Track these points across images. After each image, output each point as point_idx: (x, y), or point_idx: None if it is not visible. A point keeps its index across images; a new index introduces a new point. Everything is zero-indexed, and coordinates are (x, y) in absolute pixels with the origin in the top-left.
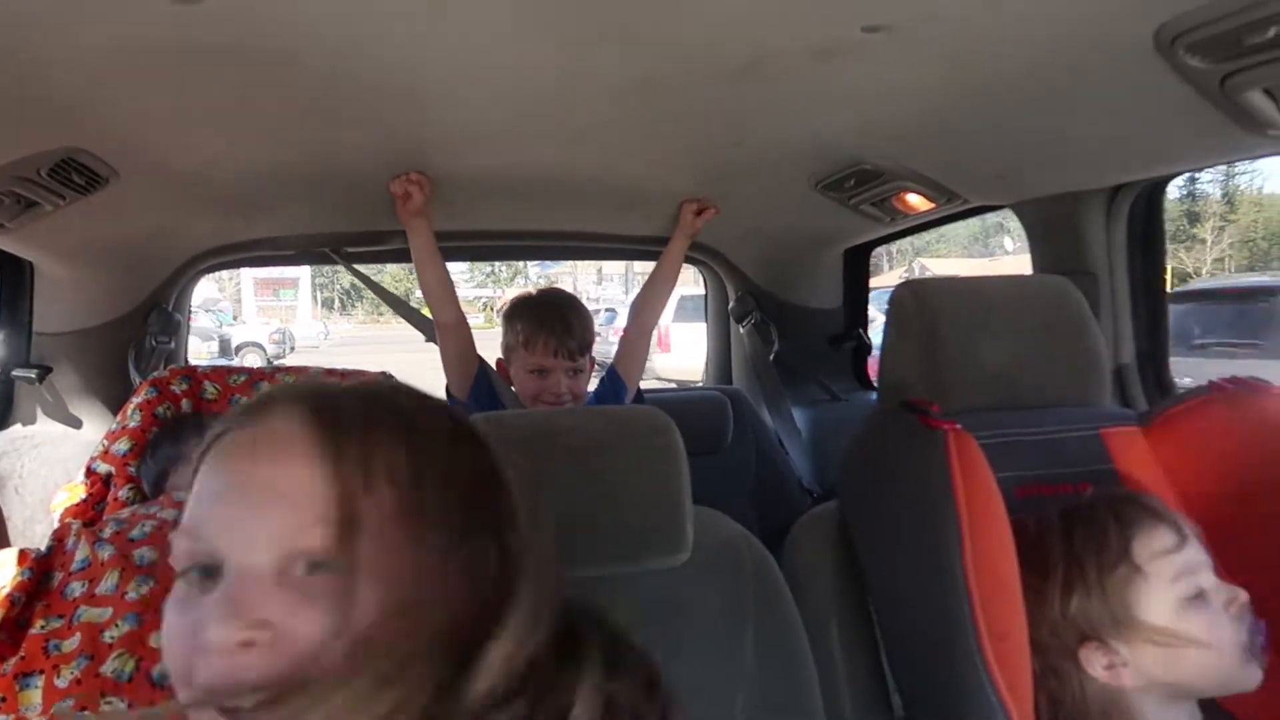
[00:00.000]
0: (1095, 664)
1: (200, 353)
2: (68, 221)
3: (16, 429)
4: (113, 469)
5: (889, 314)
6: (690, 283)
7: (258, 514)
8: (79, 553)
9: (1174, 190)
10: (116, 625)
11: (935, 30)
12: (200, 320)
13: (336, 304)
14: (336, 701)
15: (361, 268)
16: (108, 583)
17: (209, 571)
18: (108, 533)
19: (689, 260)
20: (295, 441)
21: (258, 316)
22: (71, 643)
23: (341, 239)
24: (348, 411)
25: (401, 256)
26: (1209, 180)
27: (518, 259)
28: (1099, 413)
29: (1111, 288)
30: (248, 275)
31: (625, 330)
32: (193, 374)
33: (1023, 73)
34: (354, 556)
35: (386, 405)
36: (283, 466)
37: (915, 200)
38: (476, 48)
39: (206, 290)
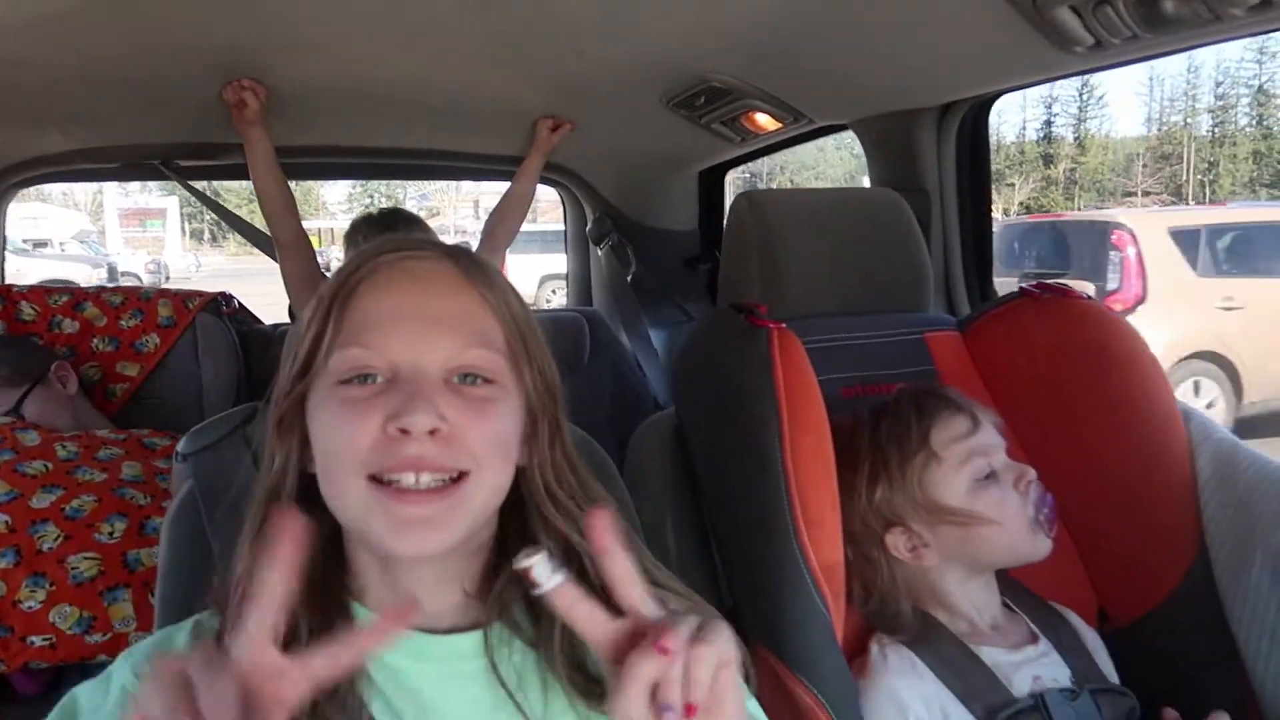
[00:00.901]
0: (900, 547)
1: (91, 278)
2: None
3: None
4: None
5: (729, 222)
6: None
7: (435, 331)
8: None
9: (1032, 133)
10: None
11: None
12: (74, 250)
13: (207, 235)
14: (485, 486)
15: (201, 186)
16: None
17: (370, 378)
18: None
19: (546, 181)
20: (455, 280)
21: (124, 248)
22: None
23: (173, 150)
24: (478, 262)
25: (240, 173)
26: (1063, 125)
27: (363, 177)
28: (922, 318)
29: (941, 204)
30: (111, 206)
31: (479, 248)
32: (7, 294)
33: None
34: (501, 375)
35: (507, 281)
36: (453, 297)
37: (763, 120)
38: None
39: (79, 221)
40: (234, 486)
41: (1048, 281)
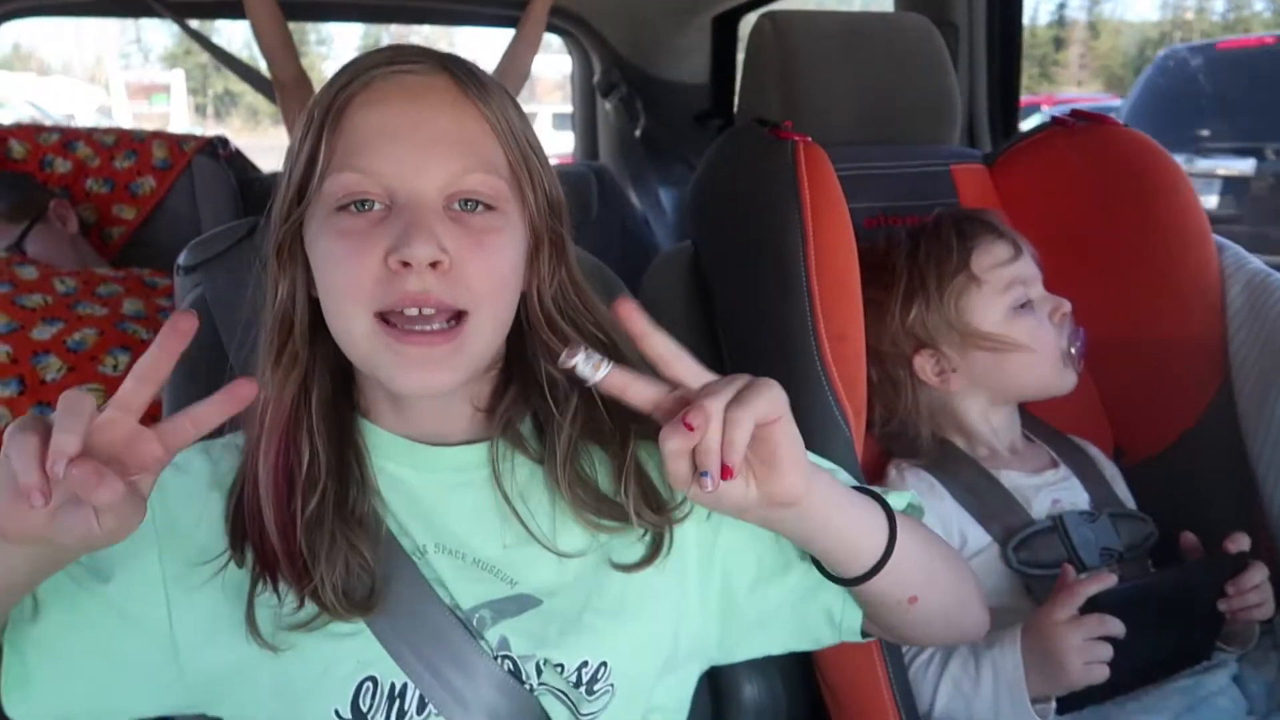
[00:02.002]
0: (928, 370)
1: None
2: None
3: None
4: None
5: (748, 43)
6: None
7: (432, 153)
8: None
9: (1044, 17)
10: None
11: None
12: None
13: (210, 110)
14: (485, 325)
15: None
16: None
17: (367, 205)
18: None
19: (552, 29)
20: (454, 95)
21: (133, 123)
22: None
23: None
24: (476, 74)
25: (234, 11)
26: (1078, 6)
27: (363, 20)
28: (948, 150)
29: (970, 39)
30: (118, 79)
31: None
32: None
33: None
34: (503, 200)
35: (504, 90)
36: (451, 115)
37: None
38: None
39: (99, 97)
40: (247, 295)
41: (1083, 111)
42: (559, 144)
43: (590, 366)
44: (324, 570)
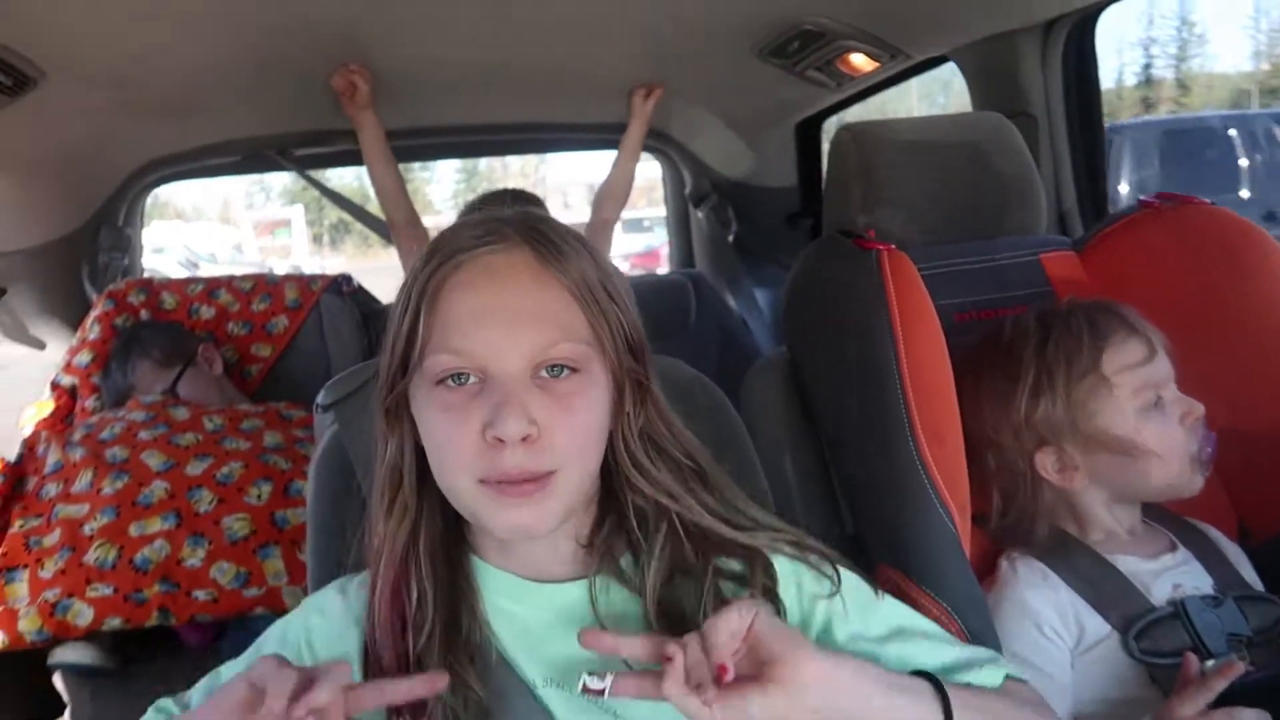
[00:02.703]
0: (1049, 467)
1: None
2: (2, 130)
3: None
4: (76, 381)
5: (830, 154)
6: None
7: (519, 331)
8: (50, 456)
9: (1131, 78)
10: (95, 518)
11: None
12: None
13: (325, 239)
14: (573, 481)
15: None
16: (83, 481)
17: (463, 378)
18: (78, 436)
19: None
20: (535, 269)
21: (260, 256)
22: (52, 538)
23: (288, 140)
24: (553, 241)
25: (352, 159)
26: (1164, 66)
27: (467, 155)
28: (1036, 240)
29: (1050, 128)
30: (246, 221)
31: (589, 224)
32: (149, 285)
33: None
34: (586, 361)
35: (578, 239)
36: (533, 290)
37: (859, 60)
38: None
39: (235, 236)
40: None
41: (1170, 193)
42: (629, 245)
43: (596, 685)
44: (434, 704)
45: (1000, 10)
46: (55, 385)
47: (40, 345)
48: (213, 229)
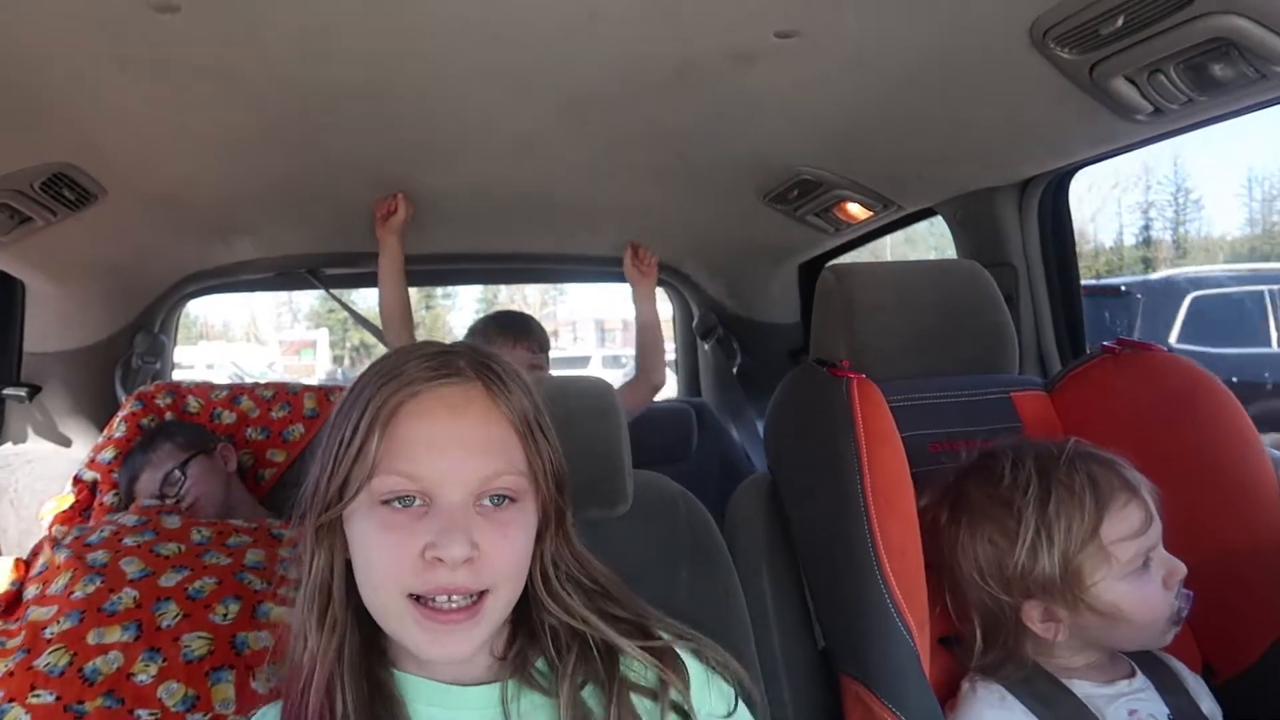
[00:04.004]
0: (1034, 619)
1: None
2: (58, 239)
3: (8, 447)
4: (98, 476)
5: (817, 291)
6: None
7: (467, 461)
8: (40, 558)
9: (1130, 237)
10: (58, 622)
11: (838, 35)
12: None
13: (347, 360)
14: (502, 601)
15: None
16: (59, 583)
17: (408, 501)
18: (68, 539)
19: None
20: (486, 404)
21: (285, 374)
22: (16, 639)
23: (318, 260)
24: (509, 383)
25: (372, 280)
26: (1161, 228)
27: (489, 282)
28: (1008, 379)
29: (1029, 277)
30: (274, 340)
31: (633, 390)
32: (176, 389)
33: (922, 73)
34: (522, 493)
35: (520, 376)
36: (482, 423)
37: (855, 209)
38: (441, 65)
39: (269, 355)
40: None
41: (1128, 339)
42: (610, 378)
43: None
44: None
45: (978, 169)
46: (77, 480)
47: (67, 442)
48: (255, 349)
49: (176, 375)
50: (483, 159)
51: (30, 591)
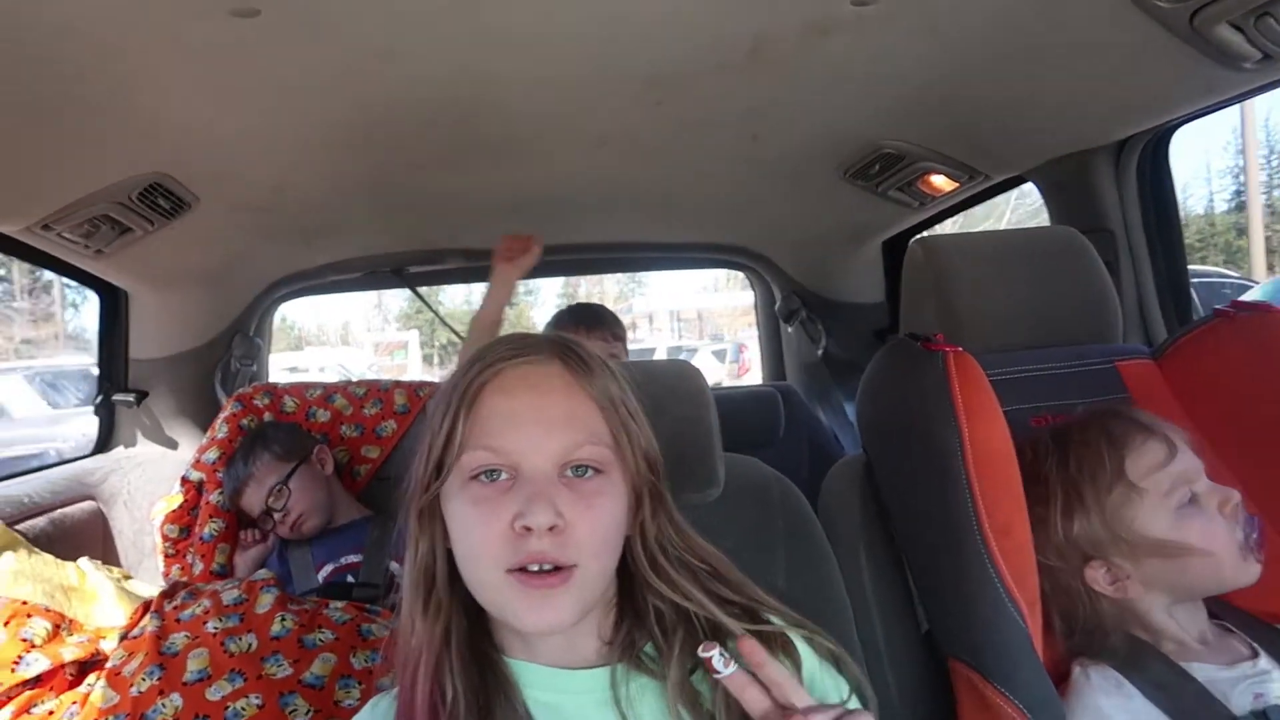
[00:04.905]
0: (1100, 580)
1: None
2: (156, 248)
3: (120, 450)
4: (204, 476)
5: (904, 269)
6: None
7: (549, 432)
8: (141, 622)
9: (1221, 204)
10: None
11: (918, 2)
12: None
13: (436, 359)
14: (591, 576)
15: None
16: (130, 667)
17: (495, 475)
18: (169, 605)
19: (732, 265)
20: (565, 379)
21: (380, 375)
22: (72, 708)
23: (402, 259)
24: (582, 359)
25: (455, 277)
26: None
27: (558, 274)
28: (1113, 348)
29: (1129, 242)
30: (368, 342)
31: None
32: (273, 390)
33: (1005, 35)
34: (608, 465)
35: (603, 362)
36: (563, 397)
37: (940, 181)
38: (520, 58)
39: (367, 358)
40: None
41: (1244, 301)
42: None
43: (721, 662)
44: None
45: (1072, 131)
46: (185, 480)
47: (173, 445)
48: (353, 352)
49: (293, 379)
50: (562, 151)
51: (115, 657)
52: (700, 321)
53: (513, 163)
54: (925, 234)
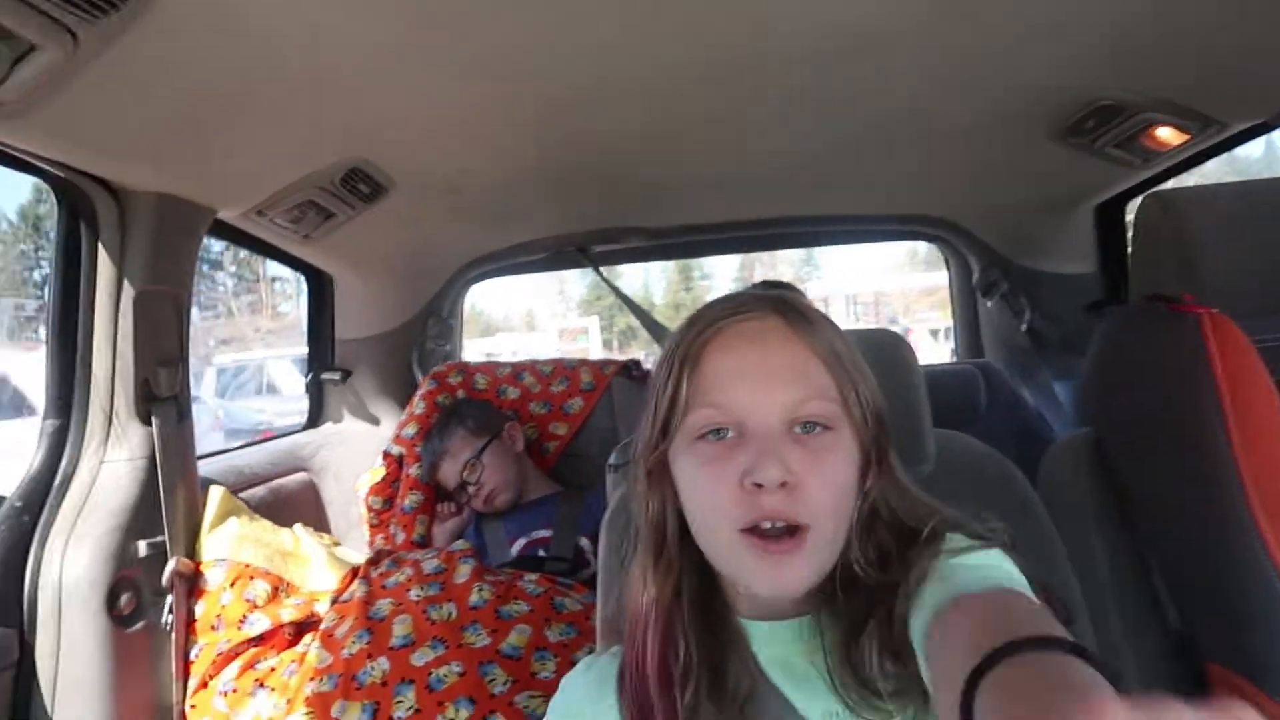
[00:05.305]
0: None
1: None
2: (358, 233)
3: (329, 426)
4: (403, 450)
5: (1135, 226)
6: None
7: (774, 387)
8: (350, 587)
9: None
10: (320, 680)
11: None
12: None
13: (615, 344)
14: (823, 541)
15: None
16: (341, 629)
17: (722, 433)
18: (375, 571)
19: (923, 236)
20: (786, 334)
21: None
22: (291, 667)
23: (585, 238)
24: (802, 313)
25: (637, 256)
26: None
27: (740, 251)
28: None
29: None
30: (551, 328)
31: None
32: (466, 368)
33: None
34: (836, 420)
35: (825, 317)
36: (786, 352)
37: (1166, 134)
38: (703, 33)
39: (552, 343)
40: None
41: None
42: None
43: None
44: None
45: None
46: (386, 454)
47: (375, 421)
48: (539, 338)
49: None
50: (752, 124)
51: (328, 620)
52: (877, 306)
53: (699, 138)
54: (1156, 189)
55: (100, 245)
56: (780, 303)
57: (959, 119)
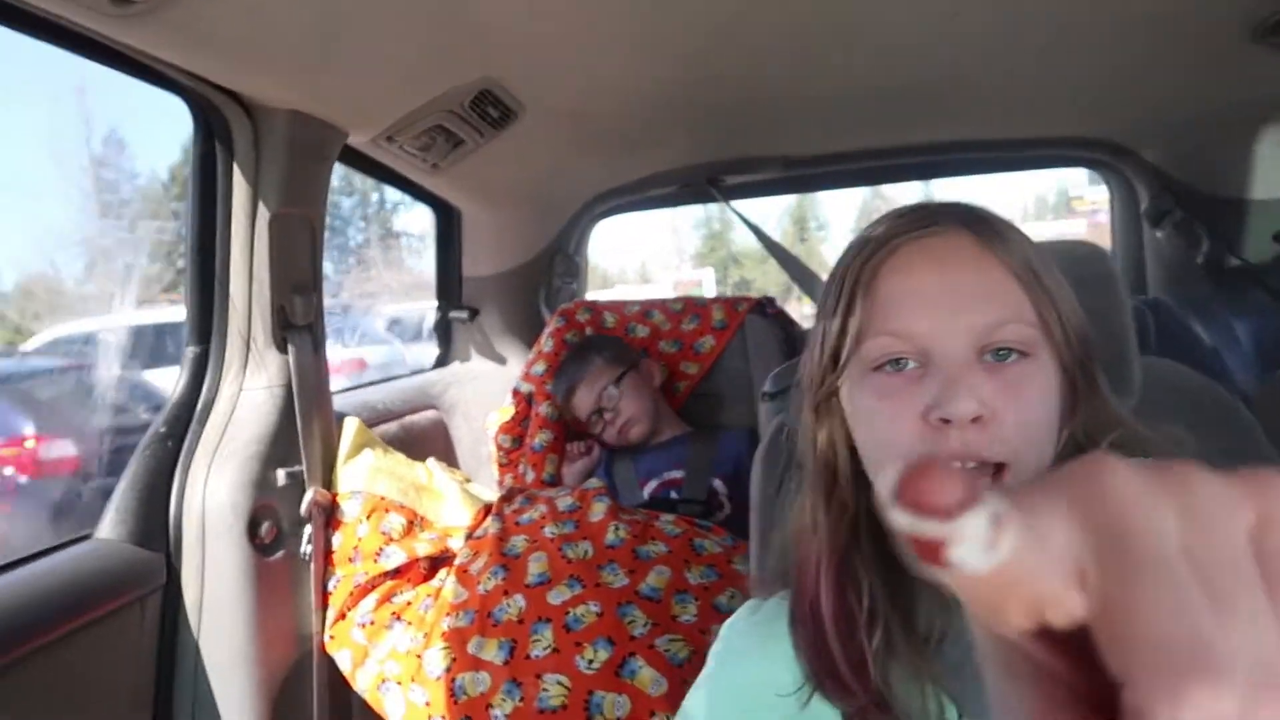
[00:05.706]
0: None
1: None
2: (486, 162)
3: (457, 365)
4: (533, 388)
5: None
6: None
7: (961, 311)
8: (484, 524)
9: None
10: (456, 615)
11: None
12: None
13: (729, 292)
14: (1029, 472)
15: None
16: (476, 565)
17: (902, 364)
18: (509, 508)
19: (1088, 163)
20: (975, 251)
21: None
22: (426, 602)
23: (715, 168)
24: (995, 227)
25: (772, 187)
26: None
27: (898, 179)
28: None
29: None
30: (666, 280)
31: None
32: (594, 306)
33: None
34: (1034, 346)
35: (1018, 230)
36: (974, 271)
37: None
38: None
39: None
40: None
41: None
42: None
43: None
44: (900, 695)
45: None
46: (515, 393)
47: (502, 360)
48: (657, 289)
49: None
50: (899, 38)
51: (462, 555)
52: None
53: (839, 57)
54: None
55: (235, 166)
56: (967, 215)
57: (1133, 25)
